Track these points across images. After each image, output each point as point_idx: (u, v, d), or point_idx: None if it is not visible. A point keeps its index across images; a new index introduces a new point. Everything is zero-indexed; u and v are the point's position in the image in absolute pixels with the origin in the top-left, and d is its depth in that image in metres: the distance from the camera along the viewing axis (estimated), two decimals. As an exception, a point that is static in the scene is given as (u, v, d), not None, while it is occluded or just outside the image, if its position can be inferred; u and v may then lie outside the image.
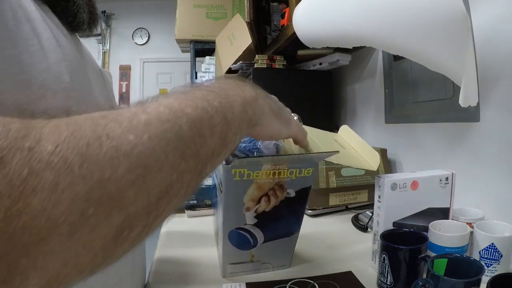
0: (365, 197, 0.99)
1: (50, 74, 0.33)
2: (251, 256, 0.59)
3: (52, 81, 0.33)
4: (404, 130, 1.04)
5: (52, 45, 0.35)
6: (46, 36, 0.35)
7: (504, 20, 0.67)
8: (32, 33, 0.34)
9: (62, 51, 0.36)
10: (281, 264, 0.62)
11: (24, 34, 0.33)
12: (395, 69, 1.06)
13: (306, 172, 0.51)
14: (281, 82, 1.29)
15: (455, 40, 0.62)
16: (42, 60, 0.33)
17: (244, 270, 0.59)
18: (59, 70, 0.35)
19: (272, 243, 0.58)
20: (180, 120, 0.25)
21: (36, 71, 0.32)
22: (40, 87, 0.32)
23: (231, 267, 0.59)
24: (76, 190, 0.19)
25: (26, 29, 0.33)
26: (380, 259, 0.54)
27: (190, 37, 2.56)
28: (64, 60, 0.36)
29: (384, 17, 0.68)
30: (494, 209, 0.70)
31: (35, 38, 0.34)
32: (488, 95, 0.71)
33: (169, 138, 0.24)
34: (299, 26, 0.95)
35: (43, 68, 0.33)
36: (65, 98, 0.34)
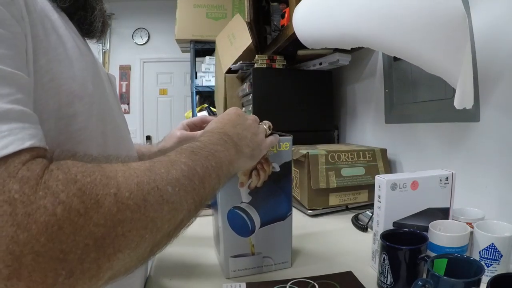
0: (365, 197, 0.99)
1: (76, 82, 0.37)
2: (251, 246, 0.60)
3: (78, 88, 0.37)
4: (404, 130, 1.04)
5: (76, 53, 0.38)
6: (70, 45, 0.38)
7: (504, 20, 0.67)
8: (59, 42, 0.36)
9: (83, 58, 0.39)
10: (282, 261, 0.63)
11: (52, 43, 0.35)
12: (395, 69, 1.06)
13: (284, 146, 0.60)
14: (281, 82, 1.29)
15: (453, 41, 0.62)
16: (69, 68, 0.36)
17: (247, 268, 0.60)
18: (84, 77, 0.38)
19: (270, 231, 0.60)
20: (194, 177, 0.36)
21: (64, 79, 0.35)
22: (68, 94, 0.35)
23: (234, 262, 0.59)
24: (141, 224, 0.29)
25: (54, 38, 0.36)
26: (380, 259, 0.54)
27: (190, 37, 2.56)
28: (86, 68, 0.39)
29: (383, 18, 0.68)
30: (494, 209, 0.70)
31: (61, 47, 0.36)
32: (488, 95, 0.71)
33: (188, 190, 0.35)
34: (299, 27, 0.95)
35: (70, 76, 0.36)
36: (89, 103, 0.38)
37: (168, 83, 3.99)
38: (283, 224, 0.62)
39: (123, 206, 0.28)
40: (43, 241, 0.23)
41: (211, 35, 2.33)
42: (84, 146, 0.37)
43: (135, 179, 0.30)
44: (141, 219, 0.29)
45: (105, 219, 0.26)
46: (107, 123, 0.42)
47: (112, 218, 0.27)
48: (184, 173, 0.35)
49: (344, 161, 0.96)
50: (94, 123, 0.38)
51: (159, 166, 0.34)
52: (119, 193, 0.28)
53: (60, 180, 0.26)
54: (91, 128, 0.38)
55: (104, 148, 0.40)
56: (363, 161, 0.98)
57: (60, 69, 0.35)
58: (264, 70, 1.29)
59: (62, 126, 0.35)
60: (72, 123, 0.35)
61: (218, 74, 1.76)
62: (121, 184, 0.29)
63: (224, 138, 0.46)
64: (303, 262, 0.64)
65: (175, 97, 3.99)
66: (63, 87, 0.35)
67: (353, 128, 1.37)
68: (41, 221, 0.24)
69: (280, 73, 1.30)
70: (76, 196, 0.25)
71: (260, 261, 0.61)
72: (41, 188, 0.25)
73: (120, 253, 0.28)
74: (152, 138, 3.94)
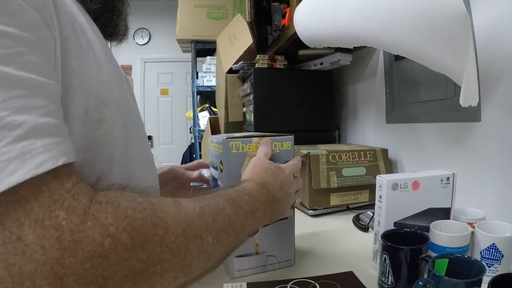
0: (366, 197, 0.99)
1: (104, 86, 0.37)
2: (255, 245, 0.60)
3: (106, 92, 0.37)
4: (405, 130, 1.03)
5: (103, 57, 0.38)
6: (98, 48, 0.38)
7: (505, 20, 0.67)
8: (88, 45, 0.36)
9: (110, 63, 0.39)
10: (286, 259, 0.63)
11: (83, 46, 0.35)
12: (396, 69, 1.06)
13: (286, 145, 0.61)
14: (282, 82, 1.29)
15: (455, 40, 0.62)
16: (98, 72, 0.36)
17: (252, 267, 0.60)
18: (111, 82, 0.38)
19: (273, 230, 0.61)
20: (232, 232, 0.38)
21: (93, 83, 0.35)
22: (96, 98, 0.35)
23: (238, 262, 0.59)
24: (178, 267, 0.31)
25: (84, 42, 0.36)
26: (381, 259, 0.54)
27: (191, 37, 2.56)
28: (113, 73, 0.39)
29: (385, 17, 0.68)
30: (495, 209, 0.70)
31: (90, 50, 0.36)
32: (489, 95, 0.71)
33: (224, 243, 0.37)
34: (300, 26, 0.95)
35: (99, 81, 0.36)
36: (115, 109, 0.38)
37: (169, 83, 3.99)
38: (286, 222, 0.62)
39: (166, 248, 0.29)
40: (87, 267, 0.25)
41: (212, 35, 2.33)
42: (108, 151, 0.37)
43: (183, 226, 0.31)
44: (179, 262, 0.31)
45: (147, 257, 0.28)
46: (129, 127, 0.42)
47: (154, 257, 0.28)
48: (225, 226, 0.37)
49: (345, 161, 0.96)
50: (118, 128, 0.39)
51: (207, 213, 0.35)
52: (166, 235, 0.29)
53: (109, 213, 0.27)
54: (115, 133, 0.38)
55: (126, 153, 0.41)
56: (364, 161, 0.98)
57: (91, 73, 0.35)
58: (265, 70, 1.29)
59: (89, 131, 0.35)
60: (98, 128, 0.36)
61: (219, 74, 1.76)
62: (169, 227, 0.30)
63: (269, 197, 0.47)
64: (304, 262, 0.64)
65: (176, 97, 3.99)
66: (92, 91, 0.35)
67: (354, 128, 1.37)
68: (88, 250, 0.25)
69: (281, 73, 1.30)
70: (126, 231, 0.27)
71: (264, 260, 0.61)
72: (90, 218, 0.26)
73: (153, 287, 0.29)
74: (153, 138, 3.94)
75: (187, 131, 3.66)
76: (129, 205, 0.28)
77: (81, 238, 0.25)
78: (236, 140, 0.57)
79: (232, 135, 0.62)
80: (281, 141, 0.60)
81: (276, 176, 0.52)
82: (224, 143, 0.56)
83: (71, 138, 0.30)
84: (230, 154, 0.56)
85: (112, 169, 0.38)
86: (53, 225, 0.24)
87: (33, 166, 0.24)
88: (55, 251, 0.24)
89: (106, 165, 0.37)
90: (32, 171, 0.24)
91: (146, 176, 0.46)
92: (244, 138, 0.58)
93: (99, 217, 0.26)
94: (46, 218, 0.24)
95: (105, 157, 0.37)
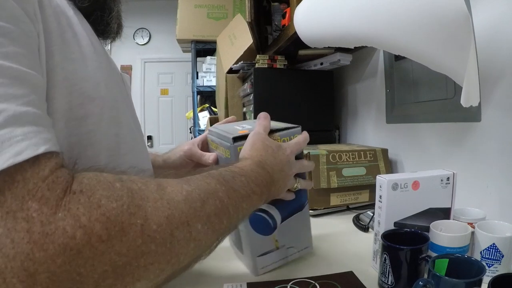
0: (366, 197, 0.99)
1: (89, 82, 0.35)
2: (275, 242, 0.61)
3: (90, 88, 0.35)
4: (405, 130, 1.03)
5: (90, 52, 0.37)
6: (85, 43, 0.37)
7: (505, 20, 0.67)
8: (74, 39, 0.35)
9: (98, 58, 0.38)
10: (304, 246, 0.64)
11: (67, 40, 0.34)
12: (396, 69, 1.06)
13: (294, 138, 0.58)
14: (282, 82, 1.29)
15: (457, 40, 0.62)
16: (82, 67, 0.35)
17: (274, 261, 0.61)
18: (97, 78, 0.37)
19: (290, 222, 0.61)
20: (224, 216, 0.36)
21: (77, 78, 0.34)
22: (80, 94, 0.34)
23: (261, 261, 0.59)
24: (164, 258, 0.29)
25: (69, 36, 0.34)
26: (381, 259, 0.54)
27: (191, 37, 2.56)
28: (100, 68, 0.38)
29: (386, 17, 0.68)
30: (496, 209, 0.70)
31: (76, 45, 0.35)
32: (489, 95, 0.71)
33: (216, 229, 0.35)
34: (300, 26, 0.95)
35: (83, 76, 0.35)
36: (101, 105, 0.36)
37: (169, 83, 3.99)
38: (301, 213, 0.62)
39: (148, 238, 0.27)
40: (60, 262, 0.23)
41: (212, 35, 2.33)
42: (94, 149, 0.36)
43: (166, 212, 0.29)
44: (165, 253, 0.29)
45: (127, 249, 0.26)
46: (122, 125, 0.40)
47: (135, 249, 0.26)
48: (217, 210, 0.34)
49: (345, 161, 0.96)
50: (106, 125, 0.37)
51: (196, 197, 0.33)
52: (146, 224, 0.27)
53: (82, 204, 0.25)
54: (102, 130, 0.37)
55: (117, 151, 0.39)
56: (364, 161, 0.98)
57: (74, 68, 0.34)
58: (265, 70, 1.28)
59: (73, 128, 0.34)
60: (83, 124, 0.34)
61: (219, 74, 1.76)
62: (149, 215, 0.28)
63: (267, 179, 0.45)
64: (304, 262, 0.64)
65: (176, 97, 3.99)
66: (76, 87, 0.34)
67: (354, 128, 1.36)
68: (59, 243, 0.23)
69: (281, 73, 1.30)
70: (99, 222, 0.25)
71: (284, 253, 0.62)
72: (61, 209, 0.24)
73: (138, 282, 0.28)
74: (153, 138, 3.94)
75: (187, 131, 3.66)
76: (104, 193, 0.27)
77: (52, 231, 0.23)
78: (242, 144, 0.53)
79: (234, 129, 0.59)
80: (288, 136, 0.57)
81: (276, 155, 0.49)
82: (232, 148, 0.53)
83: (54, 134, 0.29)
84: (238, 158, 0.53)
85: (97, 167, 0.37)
86: (24, 217, 0.23)
87: (11, 155, 0.23)
88: (24, 244, 0.22)
89: (92, 163, 0.35)
90: (11, 160, 0.23)
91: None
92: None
93: (71, 208, 0.25)
94: (18, 210, 0.23)
95: (90, 154, 0.35)
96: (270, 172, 0.46)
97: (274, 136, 0.56)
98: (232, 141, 0.53)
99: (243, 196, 0.39)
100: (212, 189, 0.35)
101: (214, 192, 0.35)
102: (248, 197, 0.40)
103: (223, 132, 0.58)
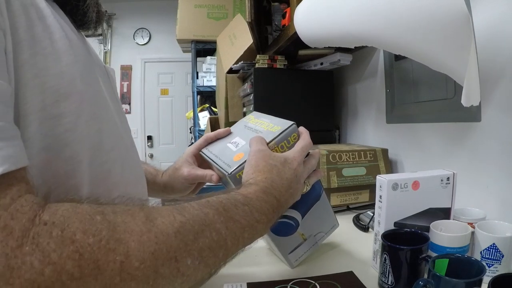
0: (366, 197, 0.99)
1: (63, 79, 0.33)
2: (301, 235, 0.61)
3: (65, 85, 0.33)
4: (405, 130, 1.03)
5: (64, 45, 0.34)
6: (59, 36, 0.34)
7: (505, 20, 0.67)
8: (45, 33, 0.33)
9: (74, 52, 0.36)
10: (331, 227, 0.66)
11: (37, 35, 0.31)
12: (396, 69, 1.06)
13: (292, 139, 0.55)
14: (282, 82, 1.29)
15: (457, 40, 0.62)
16: (55, 63, 0.33)
17: (305, 251, 0.63)
18: (72, 73, 0.34)
19: (311, 213, 0.61)
20: (220, 250, 0.34)
21: (49, 75, 0.31)
22: (53, 92, 0.32)
23: (293, 255, 0.61)
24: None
25: (39, 29, 0.32)
26: (381, 259, 0.54)
27: (191, 37, 2.56)
28: (76, 62, 0.35)
29: (386, 17, 0.68)
30: (496, 209, 0.70)
31: (47, 39, 0.33)
32: (489, 95, 0.71)
33: (209, 264, 0.32)
34: (300, 26, 0.95)
35: (56, 72, 0.32)
36: (78, 102, 0.34)
37: (169, 83, 3.99)
38: (319, 202, 0.62)
39: (128, 276, 0.25)
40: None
41: (212, 35, 2.33)
42: (72, 149, 0.33)
43: (152, 247, 0.27)
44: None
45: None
46: (103, 121, 0.38)
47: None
48: (212, 244, 0.32)
49: (345, 161, 0.96)
50: (85, 122, 0.35)
51: (189, 229, 0.30)
52: (127, 261, 0.25)
53: (53, 238, 0.23)
54: (81, 129, 0.34)
55: (101, 147, 0.37)
56: (364, 161, 0.98)
57: (46, 64, 0.31)
58: (265, 70, 1.29)
59: (47, 128, 0.31)
60: (58, 124, 0.32)
61: (219, 74, 1.76)
62: (132, 251, 0.26)
63: (273, 205, 0.42)
64: (304, 262, 0.64)
65: (176, 97, 3.99)
66: (48, 84, 0.31)
67: (354, 128, 1.36)
68: (26, 278, 0.22)
69: (281, 73, 1.30)
70: (71, 259, 0.23)
71: (313, 240, 0.63)
72: (29, 242, 0.22)
73: None
74: (153, 138, 3.94)
75: (187, 131, 3.66)
76: (81, 226, 0.24)
77: (18, 265, 0.21)
78: (242, 167, 0.50)
79: (227, 152, 0.56)
80: (285, 139, 0.54)
81: (282, 174, 0.46)
82: (231, 178, 0.50)
83: (28, 138, 0.27)
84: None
85: (78, 168, 0.33)
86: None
87: None
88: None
89: (70, 165, 0.33)
90: None
91: (124, 173, 0.41)
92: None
93: (41, 242, 0.22)
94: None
95: (68, 155, 0.32)
96: (277, 197, 0.43)
97: (270, 145, 0.52)
98: (229, 174, 0.50)
99: (244, 227, 0.37)
100: (209, 220, 0.33)
101: (210, 224, 0.33)
102: (250, 227, 0.37)
103: (217, 159, 0.56)
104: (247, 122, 0.65)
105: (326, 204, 0.64)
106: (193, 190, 0.66)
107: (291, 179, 0.46)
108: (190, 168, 0.62)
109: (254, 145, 0.50)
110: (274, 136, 0.54)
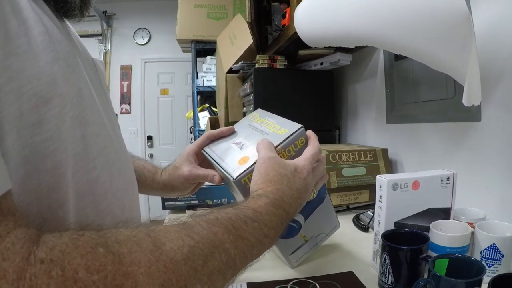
0: (366, 197, 0.99)
1: (42, 80, 0.29)
2: (302, 237, 0.62)
3: (45, 87, 0.29)
4: (405, 130, 1.03)
5: (44, 41, 0.30)
6: (37, 30, 0.30)
7: (505, 20, 0.67)
8: (20, 29, 0.28)
9: (55, 47, 0.31)
10: (332, 228, 0.66)
11: (10, 32, 0.27)
12: (396, 68, 1.06)
13: (300, 143, 0.53)
14: (282, 82, 1.29)
15: (458, 40, 0.62)
16: (32, 63, 0.28)
17: (305, 252, 0.63)
18: (52, 73, 0.30)
19: (315, 217, 0.61)
20: (229, 271, 0.32)
21: (25, 78, 0.27)
22: (32, 96, 0.27)
23: (294, 256, 0.62)
24: None
25: (13, 25, 0.28)
26: (381, 259, 0.54)
27: (191, 37, 2.55)
28: (58, 60, 0.31)
29: (387, 16, 0.68)
30: (496, 209, 0.70)
31: (23, 35, 0.28)
32: (489, 95, 0.71)
33: (218, 286, 0.31)
34: (300, 26, 0.95)
35: (34, 73, 0.28)
36: (60, 106, 0.30)
37: (169, 83, 3.99)
38: (322, 205, 0.62)
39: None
40: None
41: (212, 35, 2.33)
42: (55, 159, 0.29)
43: (162, 278, 0.25)
44: None
45: None
46: (88, 124, 0.34)
47: None
48: (221, 266, 0.31)
49: (345, 161, 0.96)
50: (68, 128, 0.31)
51: (199, 253, 0.29)
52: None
53: (53, 279, 0.21)
54: (64, 136, 0.30)
55: (85, 155, 0.33)
56: (364, 161, 0.98)
57: (21, 65, 0.27)
58: (265, 70, 1.28)
59: (26, 138, 0.27)
60: (38, 132, 0.28)
61: (219, 74, 1.76)
62: (141, 285, 0.24)
63: (282, 218, 0.41)
64: (304, 262, 0.64)
65: (176, 97, 3.99)
66: (25, 88, 0.27)
67: (354, 128, 1.36)
68: None
69: (281, 73, 1.30)
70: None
71: (314, 241, 0.64)
72: (26, 285, 0.20)
73: None
74: (153, 138, 3.94)
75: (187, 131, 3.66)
76: (82, 262, 0.22)
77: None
78: (248, 172, 0.49)
79: (231, 154, 0.55)
80: (292, 143, 0.53)
81: (292, 185, 0.44)
82: (236, 184, 0.49)
83: (6, 152, 0.24)
84: (246, 188, 0.49)
85: (62, 180, 0.30)
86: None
87: None
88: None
89: (52, 177, 0.29)
90: None
91: (113, 179, 0.38)
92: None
93: (39, 284, 0.20)
94: None
95: (49, 166, 0.28)
96: (287, 209, 0.42)
97: (277, 150, 0.50)
98: (234, 179, 0.49)
99: (253, 244, 0.35)
100: (218, 240, 0.32)
101: (220, 245, 0.31)
102: (259, 243, 0.36)
103: (221, 161, 0.55)
104: (252, 120, 0.64)
105: (329, 206, 0.64)
106: (193, 190, 0.65)
107: (301, 189, 0.45)
108: (191, 168, 0.60)
109: (263, 151, 0.48)
110: (281, 140, 0.52)
